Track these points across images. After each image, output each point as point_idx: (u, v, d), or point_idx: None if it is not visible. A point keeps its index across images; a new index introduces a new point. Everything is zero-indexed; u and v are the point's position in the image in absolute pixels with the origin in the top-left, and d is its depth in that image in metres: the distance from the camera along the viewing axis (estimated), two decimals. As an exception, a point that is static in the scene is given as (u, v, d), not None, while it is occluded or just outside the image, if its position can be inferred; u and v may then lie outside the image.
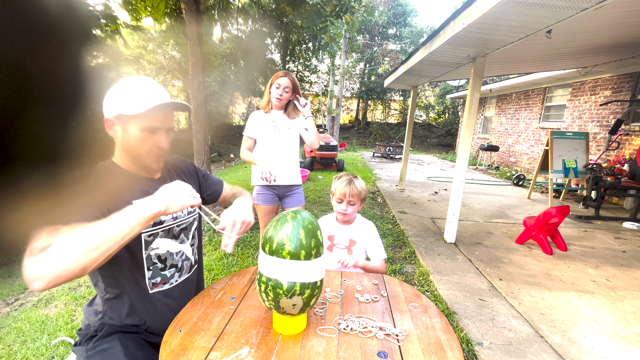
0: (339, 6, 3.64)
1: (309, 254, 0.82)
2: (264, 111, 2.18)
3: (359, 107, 23.08)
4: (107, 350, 0.94)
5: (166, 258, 1.05)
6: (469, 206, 4.92)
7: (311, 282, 0.82)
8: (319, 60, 19.16)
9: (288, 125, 2.18)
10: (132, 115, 0.91)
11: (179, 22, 4.39)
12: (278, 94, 2.09)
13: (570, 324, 2.04)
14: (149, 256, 1.01)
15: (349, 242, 1.60)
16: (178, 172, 1.16)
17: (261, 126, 2.17)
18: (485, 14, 2.21)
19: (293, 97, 2.17)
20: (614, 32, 3.23)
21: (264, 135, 2.17)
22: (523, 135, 8.70)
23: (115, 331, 1.00)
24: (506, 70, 5.63)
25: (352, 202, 1.57)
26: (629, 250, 3.34)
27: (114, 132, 0.95)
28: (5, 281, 2.71)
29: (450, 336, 0.89)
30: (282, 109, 2.19)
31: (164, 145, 0.97)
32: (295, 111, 2.20)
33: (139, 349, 0.97)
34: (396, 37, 20.53)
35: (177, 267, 1.08)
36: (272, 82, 2.13)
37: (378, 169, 8.68)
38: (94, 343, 0.98)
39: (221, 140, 16.85)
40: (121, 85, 0.93)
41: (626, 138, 5.42)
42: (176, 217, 1.07)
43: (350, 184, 1.56)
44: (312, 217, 0.88)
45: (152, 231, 1.01)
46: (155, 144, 0.96)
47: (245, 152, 2.19)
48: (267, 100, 2.16)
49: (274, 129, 2.16)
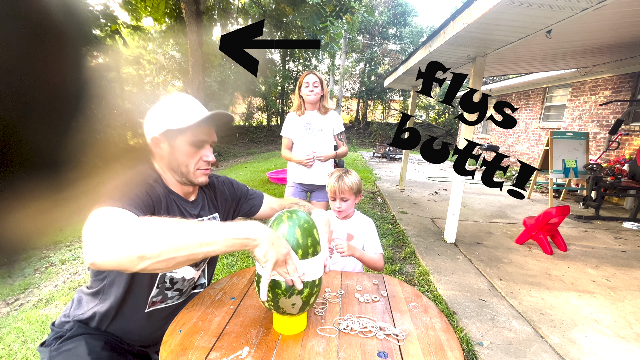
0: (339, 6, 3.64)
1: (305, 252, 0.82)
2: (297, 114, 2.32)
3: (359, 107, 23.08)
4: (70, 350, 0.92)
5: (177, 282, 1.03)
6: (469, 206, 4.92)
7: (309, 281, 0.82)
8: (319, 60, 19.17)
9: (321, 127, 2.30)
10: (180, 129, 0.92)
11: (179, 22, 4.39)
12: (309, 91, 2.22)
13: (570, 324, 2.04)
14: (164, 276, 0.99)
15: (347, 237, 1.60)
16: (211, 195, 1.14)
17: (295, 128, 2.33)
18: (485, 14, 2.21)
19: (323, 95, 2.29)
20: (614, 32, 3.23)
21: (297, 137, 2.34)
22: (523, 135, 8.70)
23: (84, 332, 0.97)
24: (506, 70, 5.63)
25: (344, 198, 1.57)
26: (629, 250, 3.34)
27: (160, 150, 0.96)
28: (5, 281, 2.71)
29: (450, 336, 0.89)
30: (316, 106, 2.29)
31: (210, 159, 0.99)
32: (326, 106, 2.32)
33: (105, 348, 0.95)
34: (396, 37, 20.53)
35: (180, 290, 1.06)
36: (300, 84, 2.26)
37: (378, 169, 8.68)
38: (59, 343, 0.95)
39: (221, 140, 16.85)
40: (165, 102, 0.95)
41: (626, 138, 5.41)
42: None
43: (340, 180, 1.55)
44: (308, 216, 0.88)
45: None
46: (202, 158, 0.98)
47: (284, 152, 2.41)
48: (297, 105, 2.31)
49: (307, 131, 2.30)
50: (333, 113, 2.34)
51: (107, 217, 0.68)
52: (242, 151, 14.94)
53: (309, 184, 2.38)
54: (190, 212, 1.03)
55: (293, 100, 2.38)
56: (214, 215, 1.13)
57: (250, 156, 13.25)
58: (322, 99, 2.28)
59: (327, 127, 2.32)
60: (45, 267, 2.91)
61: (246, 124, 20.82)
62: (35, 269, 2.88)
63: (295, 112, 2.33)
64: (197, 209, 1.06)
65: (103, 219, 0.68)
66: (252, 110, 21.24)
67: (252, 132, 19.10)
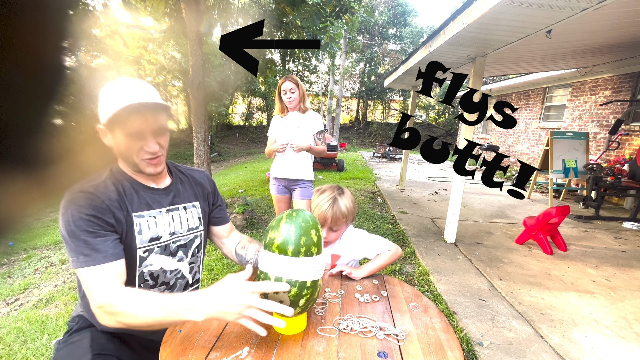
0: (338, 6, 3.64)
1: (297, 251, 0.81)
2: (280, 116, 2.51)
3: (359, 107, 23.09)
4: (75, 342, 0.93)
5: (158, 275, 1.00)
6: (469, 206, 4.92)
7: (298, 280, 0.81)
8: (319, 60, 19.17)
9: (298, 124, 2.44)
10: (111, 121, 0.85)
11: (179, 22, 4.38)
12: (287, 98, 2.38)
13: (570, 324, 2.04)
14: (142, 273, 0.96)
15: (332, 259, 1.34)
16: (190, 184, 1.10)
17: (277, 128, 2.52)
18: (485, 14, 2.21)
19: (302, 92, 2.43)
20: (614, 32, 3.23)
21: (279, 135, 2.49)
22: (523, 135, 8.70)
23: (90, 325, 0.99)
24: (506, 70, 5.63)
25: (334, 229, 1.26)
26: (629, 250, 3.34)
27: (107, 140, 0.91)
28: (5, 281, 2.71)
29: (450, 336, 0.89)
30: (296, 108, 2.44)
31: (152, 149, 0.91)
32: (303, 107, 2.46)
33: (112, 339, 0.96)
34: (396, 37, 20.53)
35: (168, 284, 1.02)
36: (279, 90, 2.41)
37: (378, 169, 8.68)
38: (68, 336, 0.97)
39: (221, 140, 16.85)
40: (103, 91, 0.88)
41: (626, 138, 5.41)
42: (173, 233, 1.01)
43: (334, 206, 1.21)
44: (310, 217, 0.87)
45: (148, 247, 0.96)
46: (143, 148, 0.91)
47: (267, 148, 2.56)
48: (279, 108, 2.48)
49: (286, 128, 2.46)
50: (312, 113, 2.48)
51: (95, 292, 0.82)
52: (242, 151, 14.94)
53: (286, 178, 2.48)
54: (159, 201, 0.99)
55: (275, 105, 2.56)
56: (194, 204, 1.08)
57: (250, 156, 13.25)
58: (300, 101, 2.43)
59: (304, 125, 2.44)
60: (45, 267, 2.91)
61: (246, 124, 20.84)
62: (35, 269, 2.88)
63: (278, 115, 2.52)
64: (168, 197, 1.02)
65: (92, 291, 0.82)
66: (252, 110, 21.25)
67: (252, 132, 19.11)
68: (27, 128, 0.17)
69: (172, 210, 1.02)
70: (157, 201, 0.99)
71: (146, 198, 0.97)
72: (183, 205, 1.05)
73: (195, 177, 1.14)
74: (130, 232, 0.92)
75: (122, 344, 0.98)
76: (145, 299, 0.79)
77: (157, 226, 0.97)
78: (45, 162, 0.18)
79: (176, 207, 1.03)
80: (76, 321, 1.02)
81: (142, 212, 0.95)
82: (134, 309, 0.78)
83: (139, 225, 0.94)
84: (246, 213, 3.82)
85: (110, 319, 0.80)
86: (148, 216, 0.96)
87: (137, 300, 0.79)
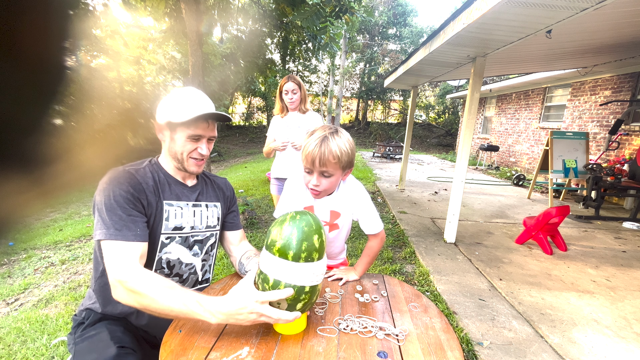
0: (338, 6, 3.63)
1: (297, 256, 0.81)
2: (280, 116, 2.50)
3: (359, 107, 23.08)
4: (93, 336, 0.97)
5: (174, 265, 1.07)
6: (469, 206, 4.92)
7: (297, 285, 0.81)
8: (319, 61, 19.16)
9: (298, 124, 2.45)
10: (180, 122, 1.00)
11: (179, 22, 4.38)
12: (289, 99, 2.38)
13: (570, 324, 2.04)
14: (160, 259, 1.04)
15: (330, 216, 1.21)
16: (213, 187, 1.22)
17: (277, 128, 2.51)
18: (485, 14, 2.21)
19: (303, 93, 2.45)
20: (614, 32, 3.23)
21: (279, 135, 2.48)
22: (523, 135, 8.70)
23: (101, 319, 1.03)
24: (506, 70, 5.63)
25: (326, 173, 1.07)
26: (629, 250, 3.34)
27: (162, 135, 1.06)
28: (5, 281, 2.71)
29: (450, 336, 0.89)
30: (296, 108, 2.45)
31: (203, 152, 1.06)
32: (303, 108, 2.46)
33: (126, 333, 0.99)
34: (396, 37, 20.54)
35: (181, 276, 1.09)
36: (280, 90, 2.40)
37: (378, 169, 8.68)
38: (82, 331, 1.00)
39: (221, 140, 16.85)
40: (173, 95, 1.02)
41: (626, 138, 5.41)
42: (193, 227, 1.10)
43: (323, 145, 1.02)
44: (314, 220, 0.85)
45: (171, 234, 1.04)
46: (197, 151, 1.05)
47: (265, 147, 2.57)
48: (280, 108, 2.47)
49: (286, 128, 2.46)
50: (313, 113, 2.48)
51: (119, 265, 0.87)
52: (242, 151, 14.94)
53: (287, 177, 2.48)
54: (187, 195, 1.10)
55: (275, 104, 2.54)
56: (215, 204, 1.19)
57: (250, 156, 13.25)
58: (301, 102, 2.44)
59: (304, 125, 2.45)
60: (45, 267, 2.91)
61: (246, 124, 20.82)
62: (35, 269, 2.88)
63: (278, 115, 2.51)
64: (194, 194, 1.13)
65: (116, 264, 0.87)
66: (252, 110, 21.25)
67: (252, 132, 19.11)
68: (27, 128, 0.17)
69: (197, 205, 1.12)
70: (185, 195, 1.10)
71: (176, 190, 1.08)
72: (206, 203, 1.15)
73: (217, 181, 1.26)
74: (159, 216, 1.02)
75: (133, 338, 1.01)
76: (168, 288, 0.84)
77: (182, 217, 1.07)
78: (45, 162, 0.18)
79: (200, 203, 1.13)
80: (85, 315, 1.05)
81: (172, 201, 1.06)
82: (157, 294, 0.82)
83: (168, 212, 1.04)
84: (246, 213, 3.82)
85: (128, 295, 0.84)
86: (176, 206, 1.07)
87: (160, 286, 0.83)
